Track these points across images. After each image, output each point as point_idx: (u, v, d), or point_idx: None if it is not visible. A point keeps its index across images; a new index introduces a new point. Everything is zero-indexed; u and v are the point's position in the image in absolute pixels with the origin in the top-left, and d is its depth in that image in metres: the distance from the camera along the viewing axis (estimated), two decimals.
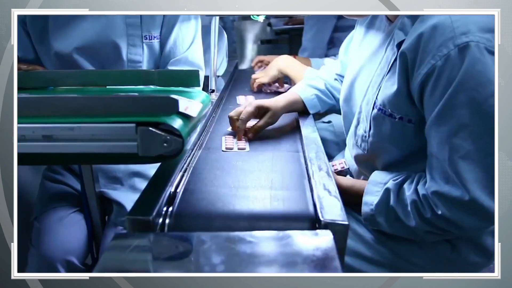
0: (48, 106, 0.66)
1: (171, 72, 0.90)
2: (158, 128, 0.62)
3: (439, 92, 0.68)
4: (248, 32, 2.57)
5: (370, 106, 0.82)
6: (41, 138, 0.65)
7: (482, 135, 0.67)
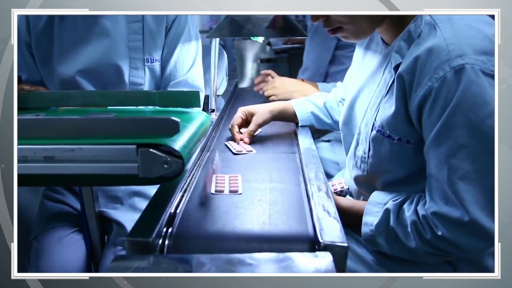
0: (50, 127, 0.66)
1: (171, 93, 0.91)
2: (159, 149, 0.62)
3: (437, 113, 0.69)
4: (248, 51, 2.60)
5: (369, 127, 0.83)
6: (42, 159, 0.66)
7: (480, 155, 0.68)
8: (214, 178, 0.84)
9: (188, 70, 1.20)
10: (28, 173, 0.66)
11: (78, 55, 1.13)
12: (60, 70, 1.14)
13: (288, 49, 2.65)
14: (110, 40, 1.13)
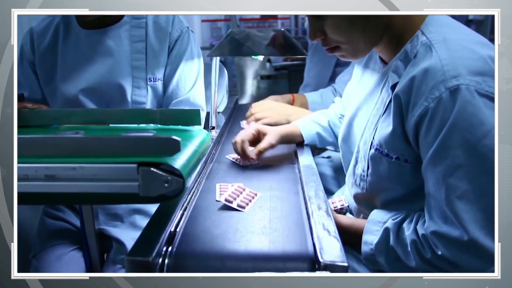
0: (51, 146, 0.67)
1: (173, 111, 0.91)
2: (159, 168, 0.63)
3: (433, 133, 0.70)
4: (248, 68, 2.63)
5: (367, 146, 0.84)
6: (43, 178, 0.66)
7: (478, 175, 0.68)
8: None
9: (190, 89, 1.20)
10: (30, 191, 0.66)
11: (81, 74, 1.14)
12: (63, 88, 1.15)
13: (288, 65, 2.68)
14: (113, 59, 1.14)
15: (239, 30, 1.17)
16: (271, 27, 6.81)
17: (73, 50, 1.15)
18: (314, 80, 1.97)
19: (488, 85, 0.67)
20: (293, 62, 2.69)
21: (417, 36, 0.77)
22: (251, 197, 0.83)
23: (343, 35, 0.79)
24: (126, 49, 1.15)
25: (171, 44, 1.18)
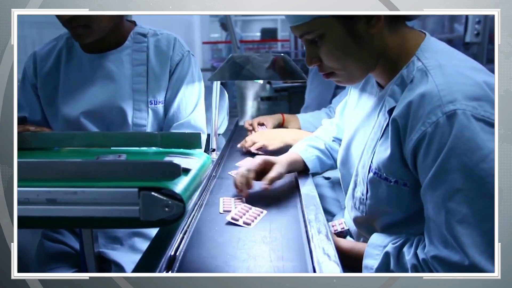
0: (53, 170, 0.68)
1: (173, 134, 0.92)
2: (160, 192, 0.63)
3: (431, 157, 0.70)
4: (248, 89, 2.66)
5: (366, 169, 0.84)
6: (45, 202, 0.66)
7: (477, 199, 0.68)
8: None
9: (191, 112, 1.21)
10: (30, 215, 0.67)
11: (83, 97, 1.15)
12: (65, 111, 1.16)
13: (288, 87, 2.71)
14: (114, 83, 1.15)
15: (239, 55, 1.19)
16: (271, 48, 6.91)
17: (75, 73, 1.17)
18: (315, 101, 2.00)
19: (484, 110, 0.68)
20: (293, 84, 2.72)
21: (413, 62, 0.78)
22: (257, 214, 0.87)
23: (337, 62, 0.81)
24: (127, 72, 1.16)
25: (172, 67, 1.19)
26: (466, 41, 2.92)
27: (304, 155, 1.15)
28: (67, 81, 1.17)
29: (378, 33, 0.78)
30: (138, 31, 1.20)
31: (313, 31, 0.78)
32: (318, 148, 1.18)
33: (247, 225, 0.82)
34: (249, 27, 11.79)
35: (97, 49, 1.16)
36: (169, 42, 1.20)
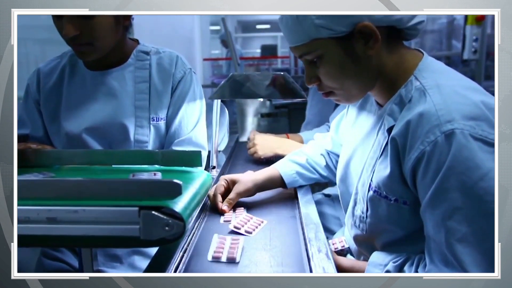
0: (53, 189, 0.68)
1: (174, 152, 0.93)
2: (160, 211, 0.63)
3: (430, 176, 0.71)
4: (248, 106, 2.67)
5: (365, 188, 0.85)
6: (45, 220, 0.66)
7: (476, 217, 0.68)
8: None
9: (192, 128, 1.22)
10: (31, 234, 0.67)
11: (85, 113, 1.16)
12: (67, 127, 1.17)
13: (288, 104, 2.73)
14: (117, 99, 1.16)
15: (240, 74, 1.21)
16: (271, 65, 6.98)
17: (78, 90, 1.18)
18: (316, 118, 2.00)
19: (482, 129, 0.69)
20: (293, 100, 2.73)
21: (411, 81, 0.79)
22: (258, 224, 0.91)
23: (336, 82, 0.82)
24: (129, 89, 1.17)
25: (174, 85, 1.20)
26: (464, 58, 2.95)
27: (282, 169, 1.15)
28: (70, 98, 1.18)
29: (376, 54, 0.79)
30: (140, 49, 1.21)
31: (312, 52, 0.80)
32: (298, 163, 1.17)
33: (249, 234, 0.86)
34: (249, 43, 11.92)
35: (100, 67, 1.17)
36: (171, 60, 1.22)
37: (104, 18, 1.04)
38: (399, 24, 0.78)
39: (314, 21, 0.76)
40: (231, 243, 0.80)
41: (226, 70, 7.00)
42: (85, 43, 1.05)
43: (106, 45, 1.10)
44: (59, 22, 1.03)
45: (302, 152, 1.21)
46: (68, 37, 1.03)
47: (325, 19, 0.75)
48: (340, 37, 0.77)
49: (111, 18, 1.06)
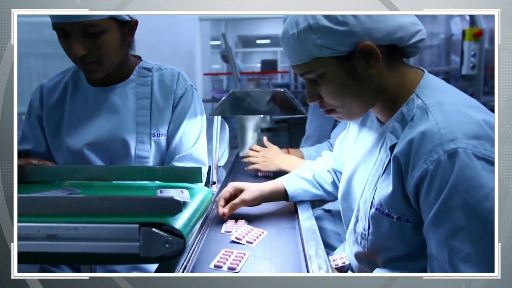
0: (54, 205, 0.68)
1: (175, 169, 0.94)
2: (161, 228, 0.63)
3: (434, 194, 0.71)
4: (248, 120, 2.69)
5: (367, 205, 0.84)
6: (45, 237, 0.66)
7: (480, 237, 0.68)
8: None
9: (193, 144, 1.22)
10: (31, 251, 0.67)
11: (87, 128, 1.17)
12: (69, 142, 1.17)
13: (288, 119, 2.74)
14: (119, 115, 1.17)
15: (240, 90, 1.22)
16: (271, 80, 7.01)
17: (80, 105, 1.19)
18: (316, 132, 2.01)
19: (485, 148, 0.69)
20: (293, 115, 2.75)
21: (412, 99, 0.79)
22: (258, 235, 0.93)
23: (337, 100, 0.83)
24: (131, 105, 1.18)
25: (176, 101, 1.21)
26: (463, 73, 2.98)
27: (287, 184, 1.16)
28: (72, 113, 1.19)
29: (377, 73, 0.79)
30: (143, 65, 1.23)
31: (313, 71, 0.80)
32: (304, 178, 1.19)
33: (250, 244, 0.89)
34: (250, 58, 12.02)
35: (103, 83, 1.18)
36: (173, 77, 1.23)
37: (111, 35, 1.06)
38: (400, 43, 0.78)
39: (315, 40, 0.77)
40: (236, 255, 0.82)
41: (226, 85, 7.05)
42: (93, 61, 1.07)
43: (113, 63, 1.11)
44: (66, 42, 1.05)
45: (309, 168, 1.23)
46: (76, 56, 1.05)
47: (326, 39, 0.76)
48: (341, 56, 0.78)
49: (118, 35, 1.08)
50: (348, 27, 0.75)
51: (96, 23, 1.01)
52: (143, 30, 1.27)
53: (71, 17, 0.99)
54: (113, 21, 1.05)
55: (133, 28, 1.13)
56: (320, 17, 0.75)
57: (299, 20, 0.78)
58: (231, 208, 1.04)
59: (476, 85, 2.97)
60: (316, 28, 0.76)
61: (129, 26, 1.11)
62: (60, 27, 1.02)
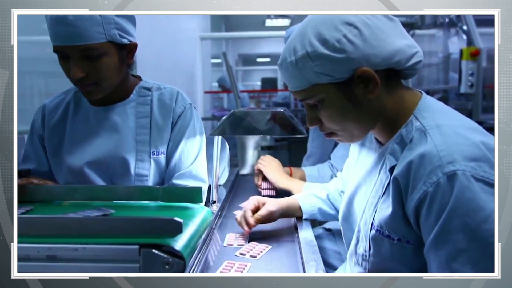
0: (54, 226, 0.68)
1: (175, 189, 0.94)
2: (161, 249, 0.63)
3: (433, 217, 0.71)
4: (249, 139, 2.70)
5: (368, 226, 0.84)
6: (45, 258, 0.66)
7: (481, 259, 0.67)
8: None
9: (192, 162, 1.23)
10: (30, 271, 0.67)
11: (88, 147, 1.18)
12: (69, 161, 1.18)
13: (288, 137, 2.75)
14: (119, 134, 1.18)
15: (240, 111, 1.23)
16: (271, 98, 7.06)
17: (81, 124, 1.20)
18: (318, 150, 2.01)
19: (484, 171, 0.69)
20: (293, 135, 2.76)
21: (411, 121, 0.80)
22: (262, 249, 0.95)
23: (337, 124, 0.84)
24: (131, 124, 1.19)
25: (175, 119, 1.23)
26: (461, 92, 3.00)
27: (301, 200, 1.19)
28: (73, 132, 1.20)
29: (376, 97, 0.80)
30: (143, 85, 1.24)
31: (313, 97, 0.81)
32: (318, 197, 1.21)
33: (254, 258, 0.90)
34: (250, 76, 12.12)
35: (103, 103, 1.20)
36: (172, 96, 1.24)
37: (110, 59, 1.07)
38: (398, 66, 0.79)
39: (313, 68, 0.77)
40: (238, 266, 0.82)
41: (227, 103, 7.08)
42: (91, 83, 1.08)
43: (112, 84, 1.12)
44: (66, 64, 1.06)
45: (323, 187, 1.26)
46: (74, 79, 1.06)
47: (324, 66, 0.77)
48: (340, 82, 0.78)
49: (116, 58, 1.09)
50: (345, 54, 0.75)
51: (95, 46, 1.03)
52: (145, 50, 1.29)
53: (70, 41, 1.01)
54: (112, 45, 1.07)
55: (132, 51, 1.15)
56: (318, 44, 0.76)
57: (297, 48, 0.79)
58: (257, 220, 1.06)
59: (475, 103, 2.99)
60: (314, 55, 0.77)
61: (128, 49, 1.13)
62: (60, 50, 1.04)
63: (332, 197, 1.21)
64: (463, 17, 3.06)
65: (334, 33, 0.75)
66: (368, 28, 0.75)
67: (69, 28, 0.99)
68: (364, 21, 0.76)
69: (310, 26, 0.78)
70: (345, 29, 0.75)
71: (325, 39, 0.76)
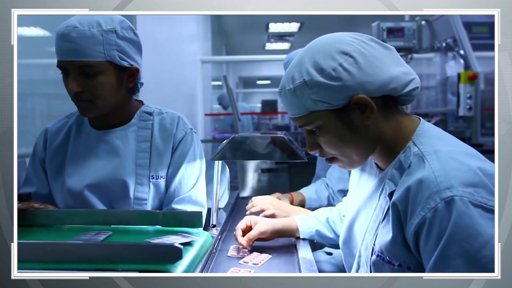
0: (54, 252, 0.68)
1: (174, 213, 0.94)
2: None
3: (433, 242, 0.71)
4: (249, 161, 2.69)
5: (368, 251, 0.84)
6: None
7: None
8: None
9: (192, 187, 1.23)
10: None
11: (88, 170, 1.18)
12: (70, 183, 1.18)
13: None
14: (119, 157, 1.19)
15: (241, 136, 1.24)
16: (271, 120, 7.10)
17: (82, 148, 1.21)
18: (324, 172, 2.00)
19: (481, 196, 0.69)
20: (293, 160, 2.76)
21: (409, 147, 0.81)
22: (263, 258, 0.99)
23: (336, 150, 0.85)
24: (131, 148, 1.20)
25: (175, 144, 1.23)
26: (460, 115, 3.02)
27: (300, 221, 1.20)
28: (74, 155, 1.21)
29: (373, 123, 0.81)
30: (144, 109, 1.26)
31: (311, 123, 0.83)
32: (317, 219, 1.22)
33: (255, 265, 0.93)
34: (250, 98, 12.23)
35: (105, 126, 1.21)
36: (173, 121, 1.26)
37: (106, 78, 1.09)
38: (394, 93, 0.81)
39: (311, 95, 0.79)
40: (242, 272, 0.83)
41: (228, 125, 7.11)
42: (87, 100, 1.10)
43: (107, 104, 1.14)
44: (66, 80, 1.10)
45: (325, 211, 1.27)
46: (71, 93, 1.09)
47: (321, 94, 0.79)
48: (337, 109, 0.80)
49: (114, 79, 1.11)
50: (341, 82, 0.77)
51: (92, 64, 1.06)
52: (147, 73, 1.30)
53: (70, 56, 1.04)
54: (111, 65, 1.09)
55: (134, 75, 1.16)
56: (315, 73, 0.78)
57: (295, 76, 0.81)
58: (249, 240, 1.08)
59: (473, 126, 3.01)
60: (311, 84, 0.79)
61: (129, 73, 1.15)
62: (61, 65, 1.08)
63: (331, 221, 1.21)
64: (459, 42, 3.11)
65: (330, 62, 0.78)
66: (363, 57, 0.78)
67: (71, 44, 1.03)
68: (359, 50, 0.78)
69: (307, 55, 0.81)
70: (341, 58, 0.77)
71: (322, 68, 0.78)
